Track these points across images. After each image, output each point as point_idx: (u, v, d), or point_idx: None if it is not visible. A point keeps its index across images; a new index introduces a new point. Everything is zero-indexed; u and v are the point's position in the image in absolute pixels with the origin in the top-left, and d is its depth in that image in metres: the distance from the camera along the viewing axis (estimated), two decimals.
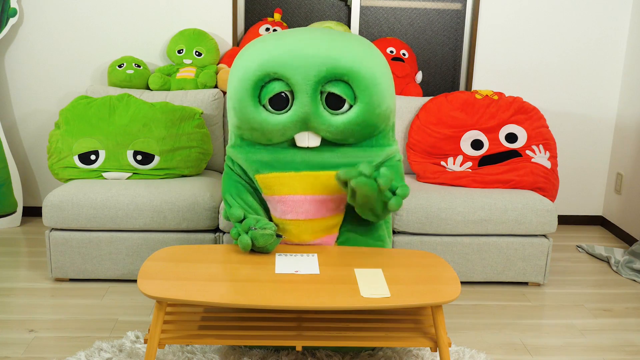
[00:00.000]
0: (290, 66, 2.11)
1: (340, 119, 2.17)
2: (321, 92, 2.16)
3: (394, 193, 2.11)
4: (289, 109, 2.18)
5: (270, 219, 2.32)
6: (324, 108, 2.17)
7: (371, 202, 2.10)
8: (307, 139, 2.22)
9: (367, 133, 2.24)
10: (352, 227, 2.30)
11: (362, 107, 2.16)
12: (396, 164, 2.32)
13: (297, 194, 2.22)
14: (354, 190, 2.10)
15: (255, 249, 2.17)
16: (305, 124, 2.19)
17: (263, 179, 2.24)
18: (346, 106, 2.18)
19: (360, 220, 2.31)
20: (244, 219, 2.19)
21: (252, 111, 2.18)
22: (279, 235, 2.19)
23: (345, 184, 2.12)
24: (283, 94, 2.16)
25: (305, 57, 2.11)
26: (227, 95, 2.25)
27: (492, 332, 2.51)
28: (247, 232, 2.14)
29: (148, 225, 2.78)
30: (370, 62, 2.17)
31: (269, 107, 2.19)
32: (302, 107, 2.15)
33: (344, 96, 2.15)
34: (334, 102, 2.17)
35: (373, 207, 2.14)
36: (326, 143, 2.27)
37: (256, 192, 2.32)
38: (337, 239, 2.29)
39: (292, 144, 2.26)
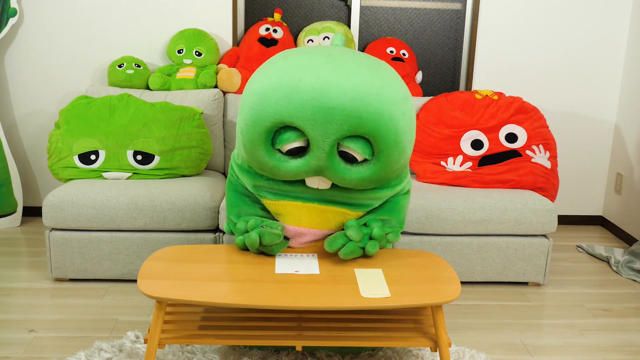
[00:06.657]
0: (310, 121, 1.94)
1: (355, 174, 2.05)
2: (338, 143, 2.03)
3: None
4: (303, 156, 2.04)
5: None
6: (339, 160, 2.04)
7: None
8: (318, 183, 2.12)
9: (381, 184, 2.14)
10: None
11: (380, 165, 2.03)
12: (400, 199, 2.25)
13: (302, 227, 2.19)
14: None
15: (261, 248, 2.14)
16: (318, 172, 2.07)
17: (268, 204, 2.20)
18: (362, 157, 2.05)
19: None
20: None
21: (263, 155, 2.05)
22: (286, 238, 2.18)
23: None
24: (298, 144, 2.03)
25: (327, 111, 1.92)
26: (239, 115, 2.10)
27: (492, 332, 2.51)
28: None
29: (148, 225, 2.78)
30: (395, 114, 1.96)
31: (282, 151, 2.06)
32: (317, 160, 2.01)
33: (361, 153, 2.01)
34: (351, 156, 2.04)
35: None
36: None
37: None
38: None
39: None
